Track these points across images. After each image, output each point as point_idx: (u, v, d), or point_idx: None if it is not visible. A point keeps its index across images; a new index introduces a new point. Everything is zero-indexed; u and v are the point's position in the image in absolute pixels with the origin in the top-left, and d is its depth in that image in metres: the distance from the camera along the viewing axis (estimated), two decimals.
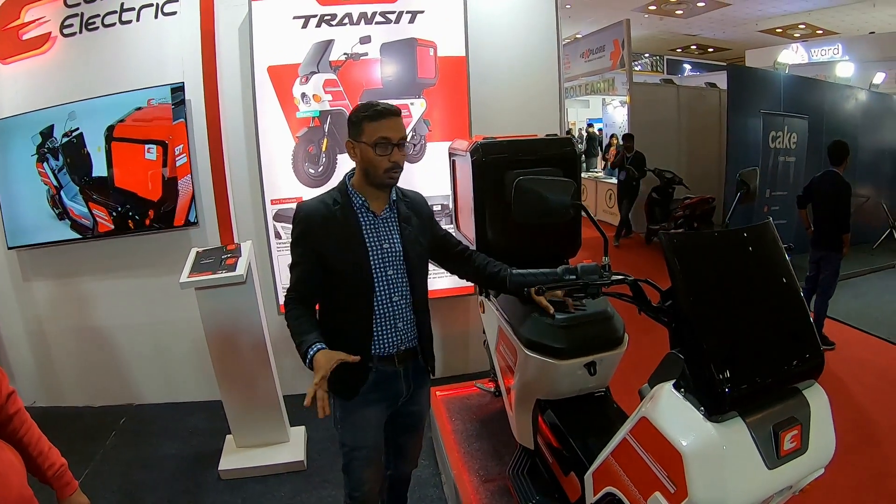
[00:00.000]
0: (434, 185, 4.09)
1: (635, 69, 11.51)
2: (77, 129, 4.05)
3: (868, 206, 9.32)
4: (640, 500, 1.70)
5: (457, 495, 3.08)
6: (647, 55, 18.64)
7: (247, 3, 3.98)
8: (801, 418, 1.61)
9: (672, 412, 1.62)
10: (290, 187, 4.15)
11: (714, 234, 1.78)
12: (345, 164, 4.13)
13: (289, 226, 4.08)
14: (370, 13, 4.07)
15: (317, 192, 4.05)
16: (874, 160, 9.55)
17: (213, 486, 3.52)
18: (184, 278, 3.26)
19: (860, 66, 13.01)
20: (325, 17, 4.04)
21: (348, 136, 2.14)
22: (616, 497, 1.85)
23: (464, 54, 4.19)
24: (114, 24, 4.08)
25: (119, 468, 3.75)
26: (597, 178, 12.44)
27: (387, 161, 2.07)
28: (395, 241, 2.19)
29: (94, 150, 4.09)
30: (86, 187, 4.14)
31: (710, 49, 18.34)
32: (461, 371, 4.72)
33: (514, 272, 2.09)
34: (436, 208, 4.10)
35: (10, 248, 4.23)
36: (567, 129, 13.73)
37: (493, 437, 3.65)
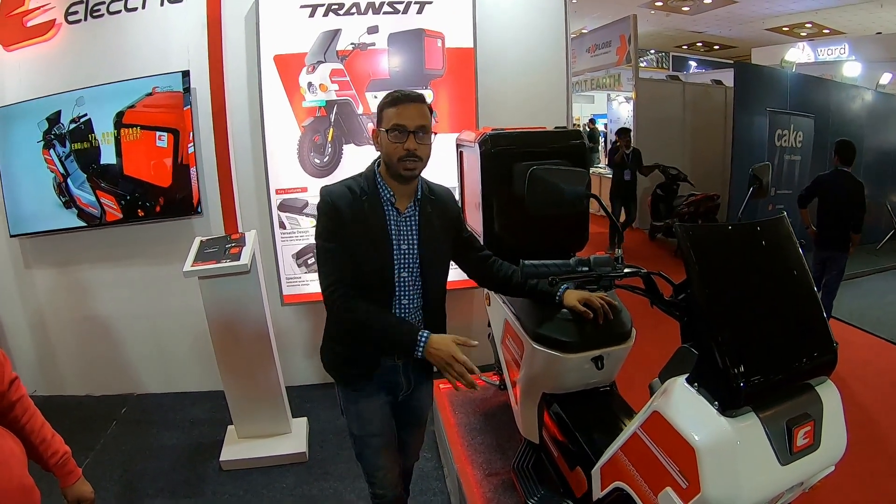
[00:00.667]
0: (440, 176, 4.00)
1: (641, 65, 11.45)
2: (85, 114, 4.02)
3: (872, 207, 9.28)
4: (651, 496, 1.68)
5: (460, 489, 3.07)
6: (653, 51, 18.57)
7: None
8: (814, 414, 1.59)
9: (685, 406, 1.59)
10: (295, 177, 4.14)
11: (728, 227, 1.75)
12: (350, 154, 4.12)
13: (293, 216, 4.12)
14: (378, 3, 4.05)
15: (322, 181, 4.06)
16: (879, 161, 9.53)
17: (214, 477, 3.50)
18: (187, 267, 3.25)
19: (867, 67, 12.96)
20: (333, 7, 4.01)
21: (375, 125, 2.10)
22: (625, 492, 1.83)
23: (471, 46, 4.17)
24: (119, 12, 4.06)
25: (120, 458, 3.74)
26: (600, 173, 12.39)
27: (401, 149, 1.99)
28: (413, 243, 2.11)
29: (103, 136, 4.06)
30: (94, 175, 4.11)
31: (716, 46, 18.28)
32: None
33: (526, 263, 2.03)
34: None
35: (12, 236, 4.21)
36: (573, 125, 13.68)
37: (497, 431, 3.63)
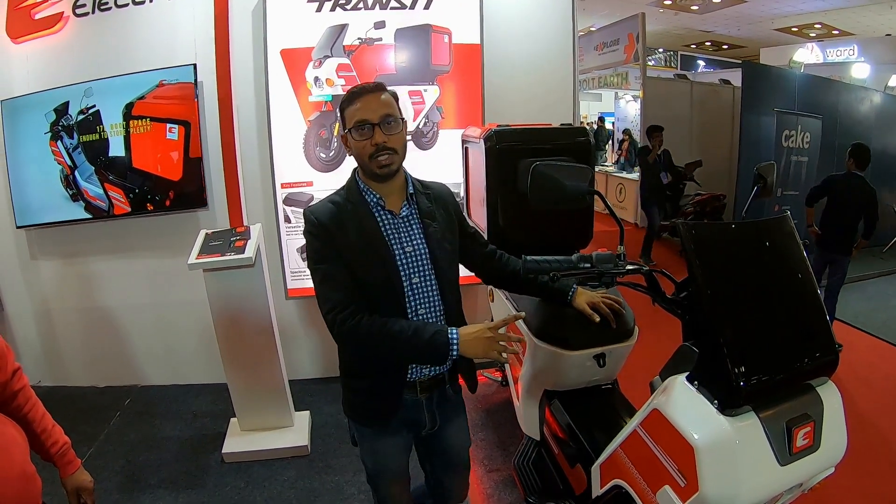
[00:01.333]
0: (446, 172, 4.04)
1: (649, 64, 11.40)
2: (93, 105, 4.01)
3: (879, 210, 9.24)
4: (649, 494, 1.68)
5: None
6: (661, 50, 18.50)
7: None
8: (815, 415, 1.59)
9: (685, 405, 1.60)
10: (300, 171, 4.14)
11: (732, 226, 1.75)
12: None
13: (299, 210, 4.12)
14: None
15: (328, 176, 4.10)
16: (887, 163, 9.46)
17: (216, 469, 3.52)
18: (192, 260, 3.25)
19: (876, 68, 12.91)
20: (340, 2, 4.01)
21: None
22: (623, 490, 1.84)
23: (478, 42, 4.16)
24: (126, 5, 4.06)
25: (123, 449, 3.76)
26: (607, 171, 12.38)
27: (369, 145, 1.80)
28: (419, 243, 1.90)
29: (111, 128, 4.05)
30: (102, 167, 4.10)
31: (724, 46, 18.19)
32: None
33: (528, 258, 2.00)
34: None
35: (18, 228, 4.22)
36: (580, 122, 13.65)
37: (499, 428, 3.65)
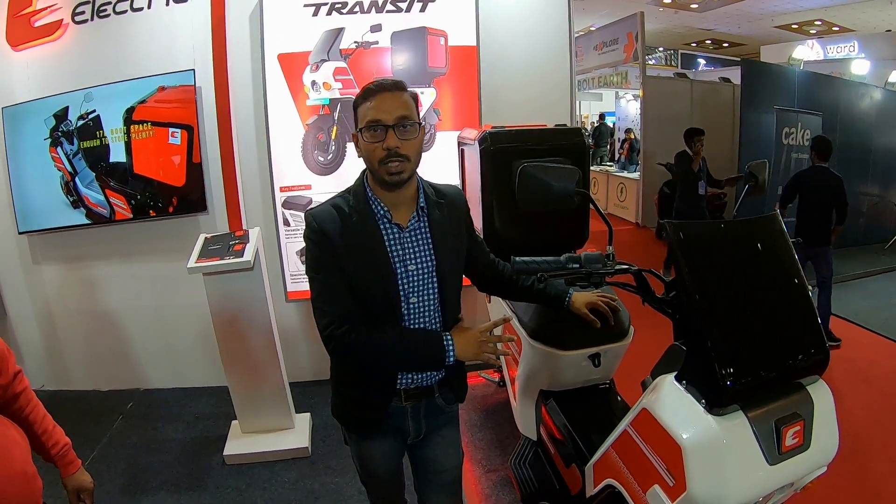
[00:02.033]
0: (443, 175, 4.05)
1: (649, 63, 11.38)
2: (93, 111, 4.02)
3: (880, 206, 9.25)
4: (640, 493, 1.69)
5: None
6: (661, 49, 18.49)
7: None
8: (804, 414, 1.59)
9: (673, 404, 1.61)
10: (299, 175, 4.16)
11: (720, 225, 1.76)
12: (354, 152, 4.11)
13: (297, 213, 4.14)
14: (381, 1, 4.06)
15: (326, 179, 4.11)
16: (887, 160, 9.45)
17: (217, 471, 3.53)
18: (191, 263, 3.26)
19: (876, 64, 12.87)
20: (336, 5, 4.03)
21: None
22: (615, 489, 1.85)
23: (475, 44, 4.17)
24: (125, 12, 4.08)
25: (125, 452, 3.78)
26: (609, 171, 12.37)
27: (380, 149, 1.66)
28: (424, 261, 1.78)
29: (112, 133, 4.05)
30: (103, 174, 4.10)
31: (724, 44, 18.18)
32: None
33: (517, 259, 1.99)
34: None
35: (20, 233, 4.24)
36: (580, 122, 13.67)
37: (497, 428, 3.66)
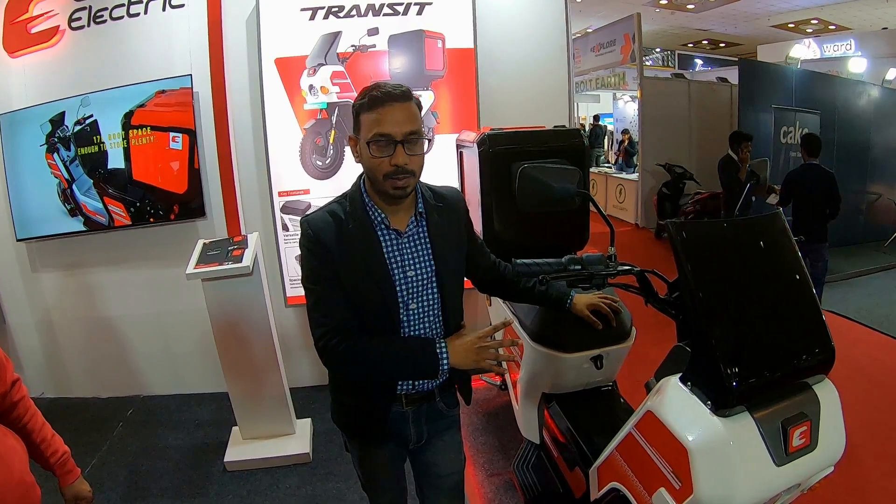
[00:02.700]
0: (441, 178, 4.01)
1: (646, 64, 11.42)
2: (91, 115, 4.00)
3: (879, 204, 9.24)
4: (645, 496, 1.68)
5: None
6: (658, 50, 18.53)
7: None
8: (811, 414, 1.58)
9: (678, 406, 1.59)
10: (297, 179, 4.15)
11: (723, 224, 1.75)
12: (352, 156, 4.10)
13: (296, 218, 4.12)
14: (378, 5, 4.05)
15: (324, 184, 4.09)
16: (886, 157, 9.45)
17: (218, 478, 3.52)
18: (190, 269, 3.25)
19: (873, 62, 12.87)
20: (333, 9, 4.02)
21: (351, 131, 1.73)
22: (620, 493, 1.83)
23: (472, 46, 4.16)
24: (122, 17, 4.08)
25: (126, 458, 3.76)
26: (607, 172, 12.37)
27: (387, 164, 1.61)
28: (424, 267, 1.76)
29: (110, 138, 4.01)
30: (100, 180, 4.07)
31: (721, 44, 18.21)
32: None
33: (518, 262, 1.97)
34: None
35: (19, 240, 4.23)
36: (579, 124, 13.71)
37: (499, 432, 3.64)
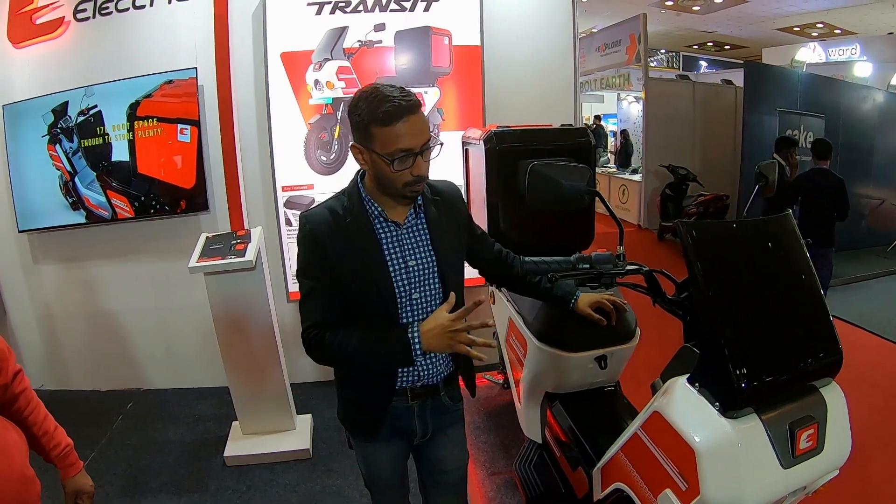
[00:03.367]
0: (446, 175, 4.01)
1: (651, 65, 11.36)
2: (95, 106, 3.96)
3: (883, 209, 9.22)
4: (650, 497, 1.67)
5: None
6: (663, 51, 18.49)
7: None
8: (818, 417, 1.57)
9: (685, 407, 1.58)
10: (301, 174, 4.14)
11: (732, 225, 1.74)
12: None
13: (299, 213, 4.10)
14: (385, 0, 4.03)
15: (328, 179, 4.08)
16: (890, 162, 9.41)
17: (218, 472, 3.51)
18: (193, 263, 3.24)
19: (878, 67, 12.85)
20: (339, 4, 4.01)
21: (352, 139, 1.73)
22: (625, 493, 1.83)
23: (479, 44, 4.15)
24: (127, 10, 4.06)
25: (125, 452, 3.75)
26: (610, 173, 12.35)
27: (408, 174, 1.65)
28: (424, 257, 1.79)
29: (114, 129, 3.97)
30: (104, 173, 4.04)
31: (726, 46, 18.18)
32: None
33: (526, 260, 1.96)
34: None
35: (20, 232, 4.22)
36: (583, 123, 13.76)
37: (501, 430, 3.63)
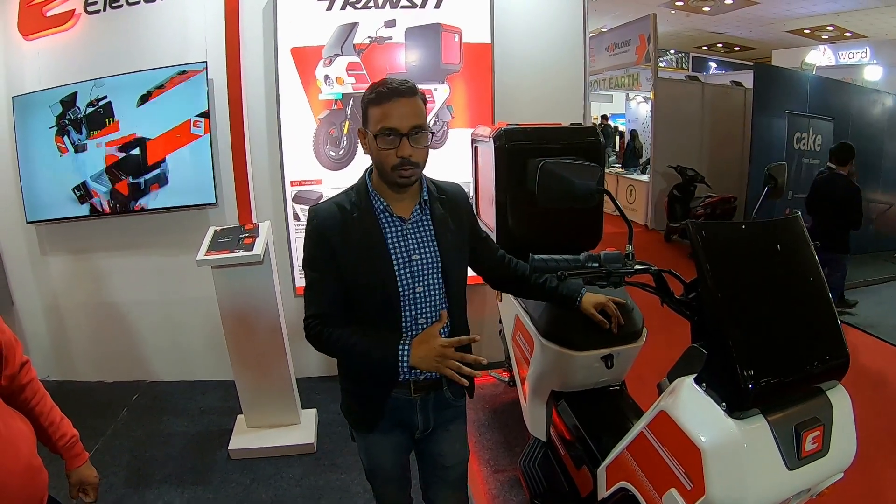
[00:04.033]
0: (455, 172, 4.02)
1: (660, 65, 11.33)
2: (104, 97, 3.97)
3: (891, 213, 9.17)
4: (655, 497, 1.66)
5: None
6: (672, 51, 18.42)
7: None
8: (824, 419, 1.57)
9: (692, 407, 1.58)
10: (310, 169, 4.15)
11: (742, 226, 1.73)
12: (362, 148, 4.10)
13: (308, 208, 4.11)
14: None
15: (337, 175, 4.10)
16: None
17: (222, 466, 3.52)
18: (200, 256, 3.25)
19: (888, 71, 12.78)
20: (350, 0, 4.01)
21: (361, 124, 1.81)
22: (629, 492, 1.82)
23: (489, 41, 4.15)
24: (138, 3, 4.07)
25: (129, 444, 3.77)
26: (617, 173, 12.32)
27: (393, 156, 1.70)
28: (429, 251, 1.84)
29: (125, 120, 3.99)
30: (113, 167, 4.04)
31: (736, 48, 18.09)
32: None
33: (536, 257, 1.97)
34: None
35: (28, 223, 4.24)
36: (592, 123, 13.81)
37: (506, 428, 3.64)
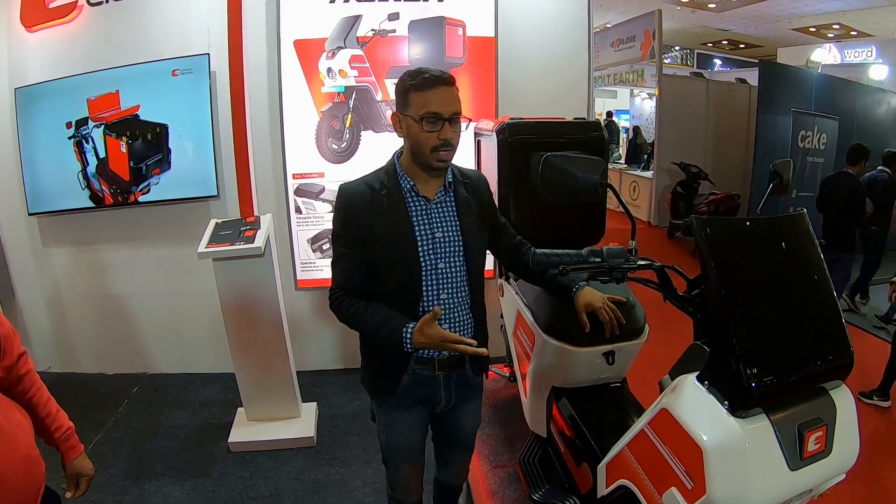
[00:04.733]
0: (458, 164, 4.02)
1: (665, 61, 11.29)
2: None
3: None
4: (655, 495, 1.66)
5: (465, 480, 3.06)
6: (677, 48, 18.34)
7: None
8: (827, 419, 1.56)
9: (694, 405, 1.57)
10: (312, 162, 4.13)
11: (746, 223, 1.71)
12: (368, 140, 4.11)
13: (310, 201, 4.12)
14: None
15: (339, 168, 4.08)
16: None
17: (222, 458, 3.52)
18: (202, 248, 3.24)
19: (894, 70, 12.74)
20: None
21: (396, 108, 1.91)
22: (629, 490, 1.82)
23: (493, 35, 4.12)
24: None
25: (130, 436, 3.77)
26: (621, 169, 12.29)
27: (435, 138, 1.82)
28: (451, 230, 1.95)
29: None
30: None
31: (741, 45, 18.00)
32: None
33: (538, 252, 1.97)
34: None
35: (30, 215, 4.24)
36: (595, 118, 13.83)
37: (506, 424, 3.63)
